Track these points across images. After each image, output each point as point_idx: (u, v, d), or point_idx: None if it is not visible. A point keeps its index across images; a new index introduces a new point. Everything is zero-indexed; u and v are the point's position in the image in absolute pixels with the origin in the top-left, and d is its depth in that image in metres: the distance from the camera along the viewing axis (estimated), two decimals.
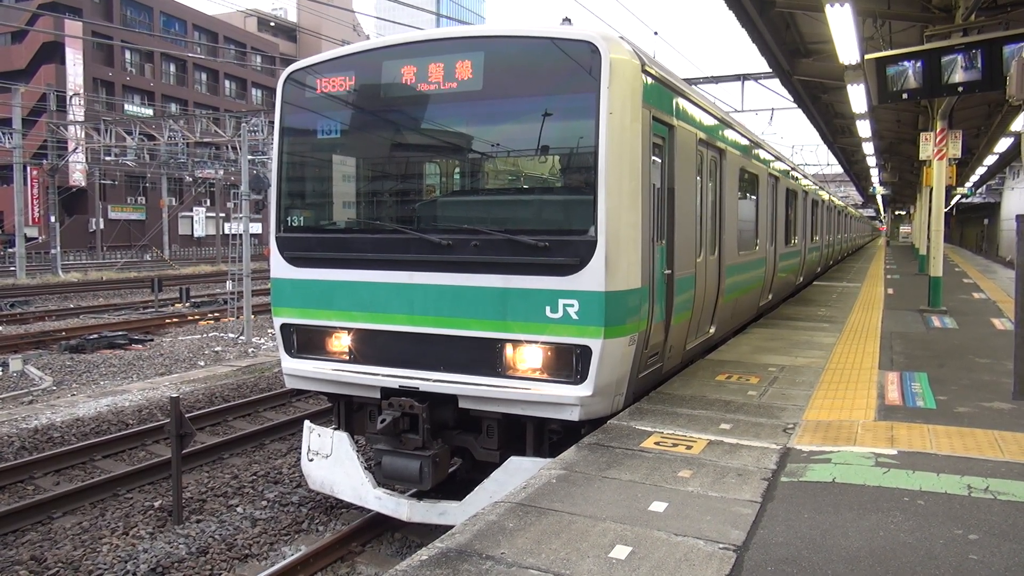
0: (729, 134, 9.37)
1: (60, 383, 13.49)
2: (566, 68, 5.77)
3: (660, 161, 6.68)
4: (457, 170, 6.77)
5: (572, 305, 5.56)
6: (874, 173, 35.81)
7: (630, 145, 5.77)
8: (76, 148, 39.11)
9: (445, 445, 6.29)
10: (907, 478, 4.67)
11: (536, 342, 5.75)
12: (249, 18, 72.93)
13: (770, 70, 17.32)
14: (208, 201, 61.63)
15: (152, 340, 18.11)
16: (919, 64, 8.49)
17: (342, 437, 6.72)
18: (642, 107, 5.96)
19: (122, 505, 7.81)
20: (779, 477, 4.70)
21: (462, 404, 5.99)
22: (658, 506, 4.19)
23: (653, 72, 6.31)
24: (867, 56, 9.02)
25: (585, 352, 5.59)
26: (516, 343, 5.79)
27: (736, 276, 9.61)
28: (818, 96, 20.80)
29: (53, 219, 37.08)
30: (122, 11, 57.94)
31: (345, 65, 6.56)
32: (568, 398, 5.62)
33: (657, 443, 5.37)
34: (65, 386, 13.30)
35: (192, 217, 62.49)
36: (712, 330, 8.84)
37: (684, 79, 8.97)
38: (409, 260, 6.11)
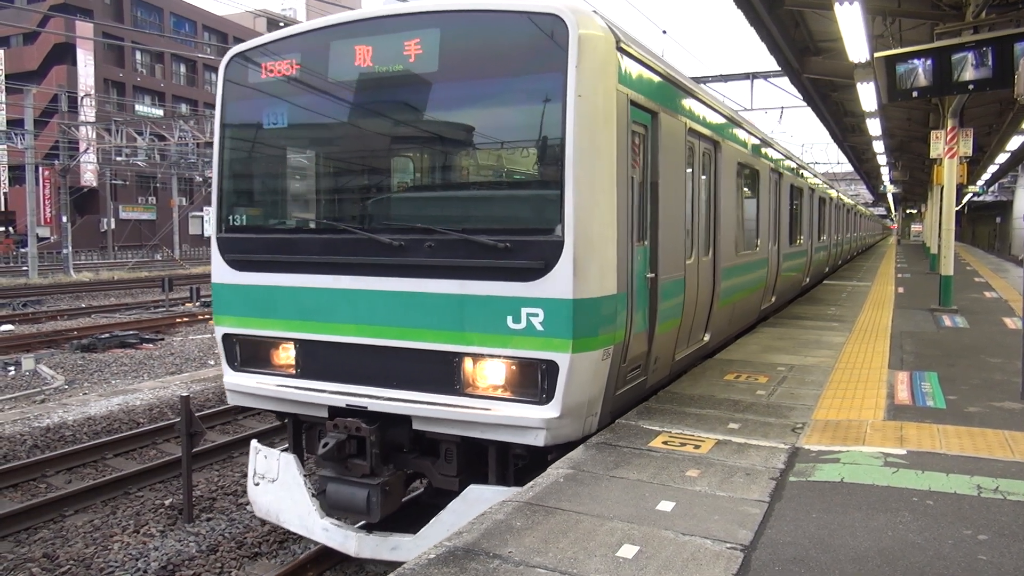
0: (725, 126, 8.74)
1: (72, 382, 13.59)
2: (529, 45, 5.14)
3: (641, 152, 6.04)
4: (410, 163, 6.05)
5: (536, 315, 4.96)
6: (884, 171, 35.64)
7: (603, 132, 5.14)
8: (87, 149, 39.39)
9: (399, 471, 5.71)
10: (916, 478, 4.66)
11: (497, 356, 5.13)
12: (259, 18, 73.16)
13: (779, 68, 17.27)
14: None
15: (163, 339, 18.22)
16: (929, 62, 8.46)
17: (289, 460, 6.01)
18: (617, 89, 5.32)
19: (133, 503, 7.87)
20: (787, 477, 4.69)
21: (416, 426, 5.37)
22: (666, 505, 4.19)
23: (632, 51, 5.66)
24: (877, 54, 8.99)
25: (551, 368, 4.97)
26: (475, 357, 5.19)
27: (734, 279, 9.03)
28: (828, 94, 20.71)
29: (65, 219, 37.33)
30: (132, 12, 58.27)
31: (290, 47, 5.92)
32: (532, 420, 4.99)
33: (665, 442, 5.36)
34: (77, 385, 13.40)
35: (202, 217, 62.73)
36: (706, 338, 8.20)
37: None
38: (358, 263, 5.52)
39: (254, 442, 6.38)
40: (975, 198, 53.28)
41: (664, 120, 6.29)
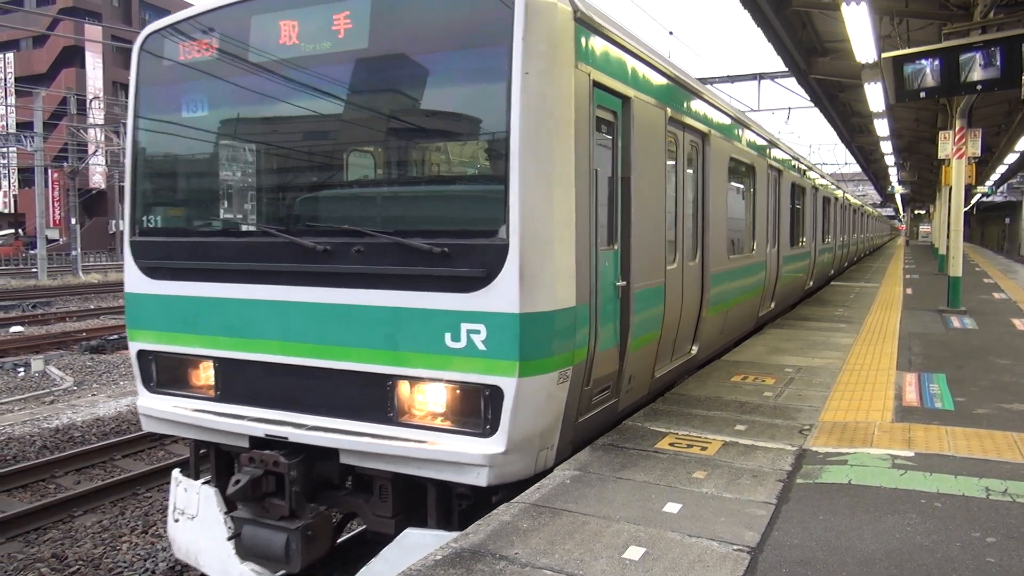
0: (715, 116, 7.96)
1: (81, 383, 13.66)
2: (469, 14, 4.50)
3: (610, 142, 5.40)
4: (338, 155, 5.21)
5: (477, 332, 4.30)
6: (892, 172, 35.53)
7: (557, 117, 4.47)
8: (96, 151, 39.62)
9: (328, 510, 5.03)
10: (924, 480, 4.64)
11: (435, 380, 4.47)
12: None
13: (786, 69, 17.25)
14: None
15: None
16: (937, 62, 8.44)
17: (210, 494, 5.26)
18: (577, 68, 4.66)
19: (142, 504, 7.91)
20: (794, 479, 4.68)
21: (344, 460, 4.68)
22: (672, 507, 4.19)
23: (597, 24, 4.93)
24: (884, 55, 8.97)
25: (495, 395, 4.30)
26: (411, 381, 4.55)
27: (725, 284, 8.31)
28: (835, 95, 20.67)
29: (74, 221, 37.53)
30: (141, 15, 58.53)
31: (209, 23, 5.23)
32: (473, 456, 4.31)
33: (672, 444, 5.36)
34: (86, 386, 13.47)
35: None
36: (694, 350, 7.51)
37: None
38: (280, 271, 4.86)
39: (176, 472, 5.66)
40: (984, 199, 53.04)
41: (639, 107, 5.62)
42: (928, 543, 3.74)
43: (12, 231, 52.94)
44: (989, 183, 38.80)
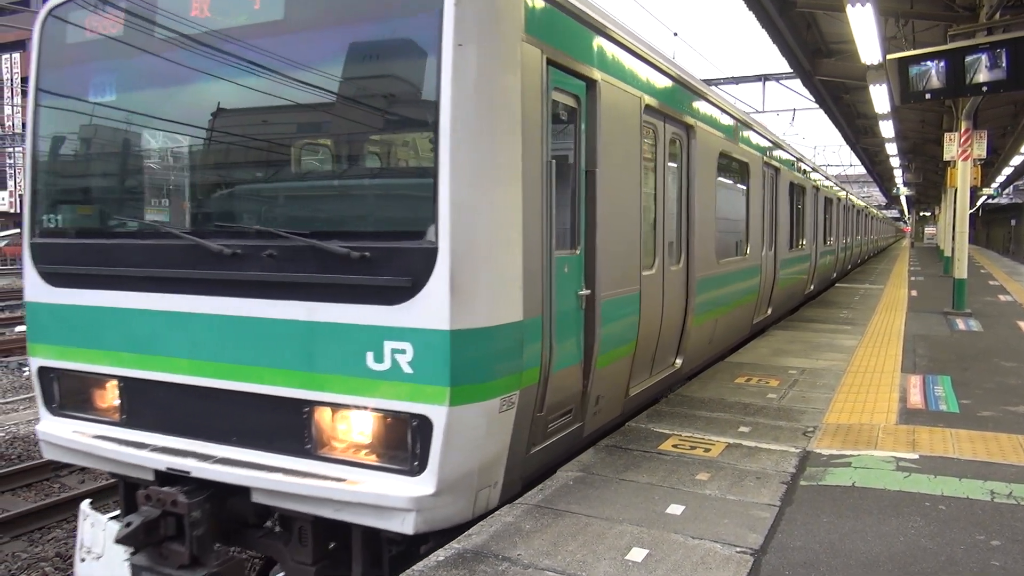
0: (702, 107, 7.29)
1: None
2: None
3: (572, 131, 4.80)
4: (250, 144, 4.54)
5: (403, 351, 3.72)
6: (898, 174, 35.46)
7: (500, 99, 3.87)
8: None
9: (240, 555, 4.48)
10: (928, 483, 4.63)
11: (356, 407, 3.89)
12: None
13: (791, 70, 17.23)
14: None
15: None
16: (942, 64, 8.41)
17: (115, 531, 4.49)
18: (525, 42, 4.03)
19: None
20: (798, 481, 4.67)
21: (256, 498, 4.07)
22: (675, 509, 4.18)
23: None
24: (889, 56, 8.95)
25: (423, 426, 3.72)
26: (332, 408, 3.96)
27: (714, 291, 7.76)
28: (840, 96, 20.65)
29: None
30: None
31: None
32: (397, 499, 3.72)
33: (675, 446, 5.35)
34: None
35: None
36: (678, 362, 6.94)
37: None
38: (187, 278, 4.26)
39: (84, 505, 5.05)
40: (989, 200, 52.90)
41: (607, 91, 5.05)
42: (932, 546, 3.73)
43: (18, 230, 53.19)
44: (995, 185, 38.68)
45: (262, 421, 4.11)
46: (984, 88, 8.28)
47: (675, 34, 22.95)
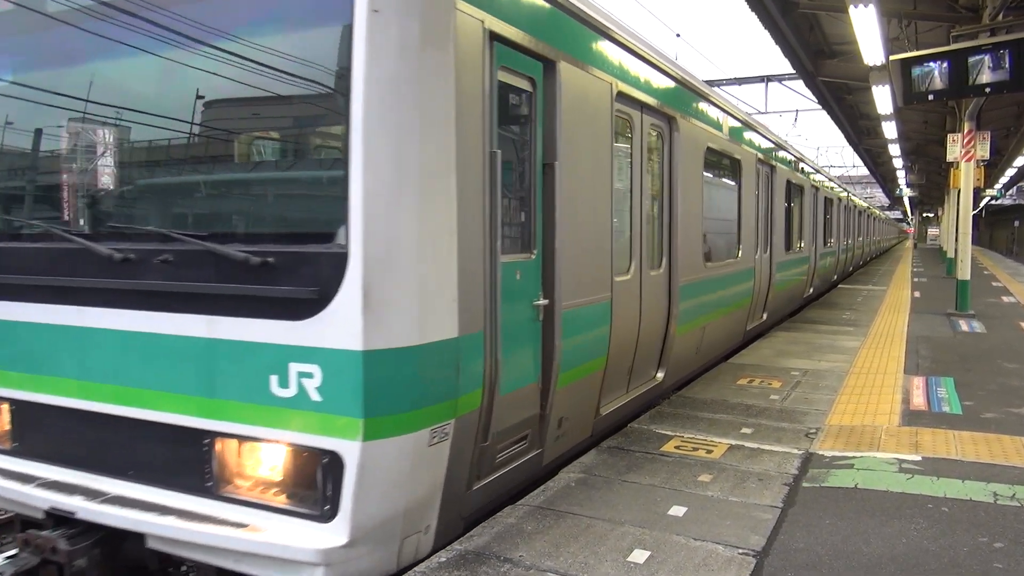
0: (685, 97, 6.74)
1: None
2: None
3: (526, 118, 4.21)
4: (143, 134, 3.88)
5: (310, 375, 3.16)
6: (901, 175, 35.41)
7: (427, 76, 3.29)
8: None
9: None
10: (931, 484, 4.62)
11: (259, 440, 3.33)
12: None
13: (794, 71, 17.22)
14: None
15: None
16: (945, 65, 8.40)
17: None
18: (459, 11, 3.47)
19: None
20: (800, 482, 4.66)
21: (151, 544, 3.48)
22: (677, 510, 4.18)
23: None
24: (892, 57, 8.94)
25: (334, 464, 3.17)
26: (234, 440, 3.40)
27: (700, 297, 7.26)
28: (843, 97, 20.64)
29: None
30: None
31: None
32: (302, 551, 3.17)
33: (677, 447, 5.35)
34: None
35: None
36: (659, 375, 6.45)
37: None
38: (75, 287, 3.72)
39: None
40: (993, 201, 52.82)
41: (569, 74, 4.48)
42: (935, 548, 3.72)
43: None
44: (998, 186, 38.63)
45: (160, 454, 3.56)
46: (987, 89, 8.27)
47: (678, 35, 22.97)
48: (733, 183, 8.98)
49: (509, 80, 4.01)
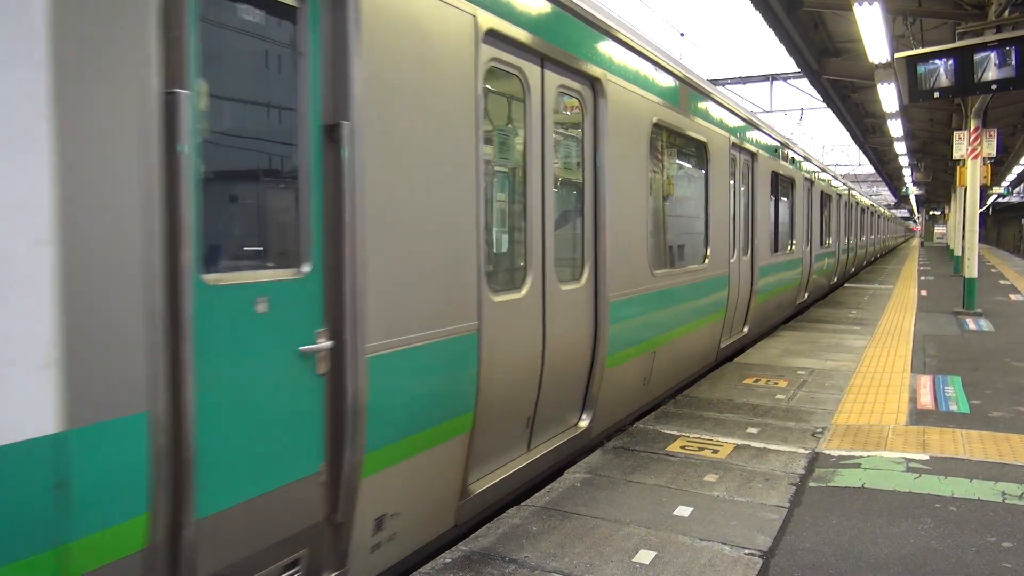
0: (618, 54, 5.25)
1: None
2: None
3: (288, 54, 2.81)
4: None
5: None
6: (907, 173, 35.31)
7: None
8: None
9: None
10: (939, 484, 4.59)
11: None
12: None
13: (799, 70, 17.17)
14: None
15: None
16: (951, 62, 8.37)
17: None
18: None
19: None
20: (807, 482, 4.64)
21: None
22: (683, 511, 4.16)
23: None
24: (897, 55, 8.91)
25: None
26: None
27: (647, 314, 5.84)
28: (848, 95, 20.58)
29: None
30: None
31: None
32: None
33: (683, 447, 5.33)
34: None
35: None
36: (584, 422, 5.05)
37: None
38: None
39: None
40: (1000, 199, 52.59)
41: None
42: (942, 548, 3.70)
43: None
44: (1005, 184, 38.48)
45: None
46: (993, 86, 8.23)
47: (681, 34, 22.94)
48: (699, 172, 7.55)
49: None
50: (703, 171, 7.59)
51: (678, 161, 7.30)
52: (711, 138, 7.58)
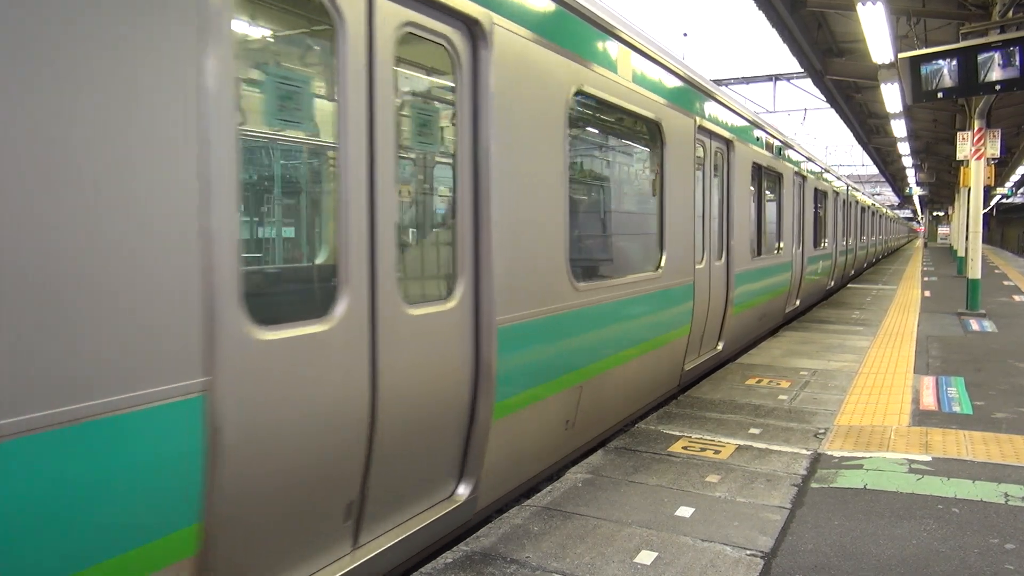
0: None
1: None
2: None
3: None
4: None
5: None
6: (910, 174, 35.24)
7: None
8: None
9: None
10: (941, 485, 4.58)
11: None
12: None
13: (802, 70, 17.16)
14: None
15: None
16: (955, 62, 8.36)
17: None
18: None
19: None
20: (809, 483, 4.63)
21: None
22: (685, 511, 4.16)
23: None
24: (901, 55, 8.90)
25: None
26: None
27: (565, 339, 4.57)
28: (851, 96, 20.54)
29: None
30: None
31: None
32: None
33: (685, 447, 5.32)
34: None
35: None
36: (462, 491, 3.82)
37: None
38: None
39: None
40: (1003, 200, 52.48)
41: None
42: (945, 549, 3.69)
43: None
44: (1009, 184, 38.38)
45: None
46: (997, 87, 8.22)
47: (685, 35, 22.91)
48: (650, 160, 6.39)
49: None
50: (657, 159, 6.24)
51: (617, 144, 6.27)
52: (666, 118, 6.18)
